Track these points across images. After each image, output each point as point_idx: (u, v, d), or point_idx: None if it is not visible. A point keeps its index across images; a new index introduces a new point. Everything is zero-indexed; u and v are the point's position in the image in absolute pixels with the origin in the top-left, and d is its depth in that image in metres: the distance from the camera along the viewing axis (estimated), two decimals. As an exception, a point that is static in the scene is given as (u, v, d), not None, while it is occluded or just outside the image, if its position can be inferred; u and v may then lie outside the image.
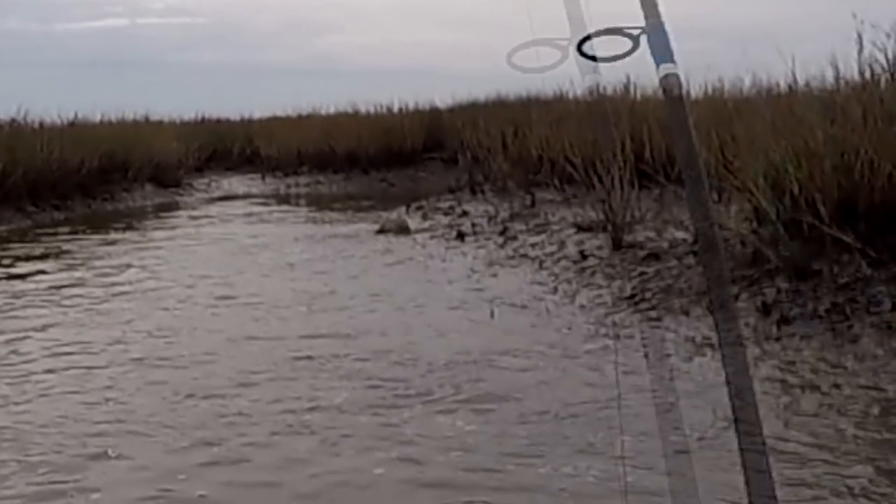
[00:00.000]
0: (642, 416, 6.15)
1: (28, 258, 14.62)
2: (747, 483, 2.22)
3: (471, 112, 27.04)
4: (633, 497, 4.96)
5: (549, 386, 6.90)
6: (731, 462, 5.19)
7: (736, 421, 2.21)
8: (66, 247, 16.10)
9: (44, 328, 9.42)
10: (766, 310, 8.01)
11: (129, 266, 13.54)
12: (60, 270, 13.32)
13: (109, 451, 5.88)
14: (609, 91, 19.23)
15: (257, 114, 37.86)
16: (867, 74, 9.53)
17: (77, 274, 12.93)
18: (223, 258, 14.11)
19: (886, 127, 8.76)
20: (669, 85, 2.34)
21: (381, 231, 16.01)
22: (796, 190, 8.87)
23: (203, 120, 38.15)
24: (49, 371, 7.83)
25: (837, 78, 10.13)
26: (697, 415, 6.07)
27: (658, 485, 5.05)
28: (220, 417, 6.48)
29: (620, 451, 5.56)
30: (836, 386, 6.40)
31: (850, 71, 9.90)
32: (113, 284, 11.98)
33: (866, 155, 8.67)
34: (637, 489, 5.01)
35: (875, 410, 5.94)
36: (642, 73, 15.88)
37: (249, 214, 21.93)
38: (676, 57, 2.33)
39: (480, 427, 6.13)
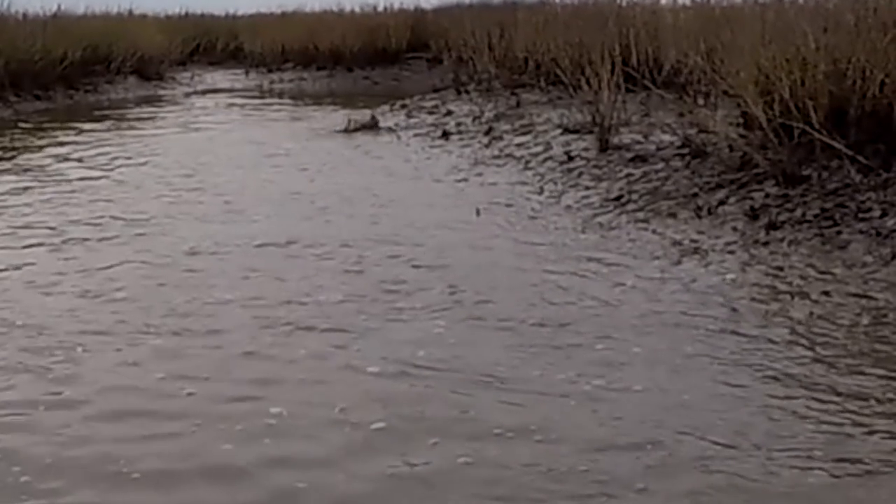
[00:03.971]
0: (631, 322, 6.16)
1: (6, 148, 14.58)
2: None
3: (456, 13, 26.89)
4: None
5: (534, 286, 6.87)
6: (728, 370, 5.23)
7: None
8: (46, 134, 16.05)
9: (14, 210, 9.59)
10: (754, 214, 7.99)
11: (103, 154, 13.58)
12: (39, 157, 13.29)
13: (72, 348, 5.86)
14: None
15: (242, 10, 37.91)
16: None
17: (55, 160, 12.92)
18: (201, 149, 14.06)
19: (880, 36, 8.72)
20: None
21: (362, 127, 15.87)
22: (787, 95, 8.83)
23: (187, 14, 37.99)
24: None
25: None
26: (687, 319, 6.07)
27: (665, 385, 5.07)
28: (193, 305, 6.47)
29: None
30: (826, 293, 6.37)
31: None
32: (87, 170, 12.09)
33: (859, 63, 8.62)
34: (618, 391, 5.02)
35: (865, 320, 5.90)
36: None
37: (230, 107, 21.86)
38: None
39: (462, 326, 6.10)
